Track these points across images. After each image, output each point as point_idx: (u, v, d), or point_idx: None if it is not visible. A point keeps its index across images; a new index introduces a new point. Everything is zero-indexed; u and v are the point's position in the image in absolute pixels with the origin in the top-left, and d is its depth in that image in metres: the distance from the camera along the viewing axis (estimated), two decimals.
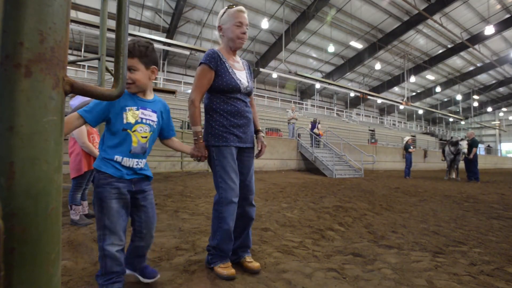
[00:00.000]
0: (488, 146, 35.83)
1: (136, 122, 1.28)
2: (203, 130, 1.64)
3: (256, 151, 1.81)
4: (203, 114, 1.66)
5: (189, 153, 1.57)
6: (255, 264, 1.65)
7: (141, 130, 1.30)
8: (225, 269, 1.55)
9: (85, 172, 2.56)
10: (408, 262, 1.83)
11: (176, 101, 15.03)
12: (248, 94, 1.70)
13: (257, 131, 1.80)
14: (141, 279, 1.42)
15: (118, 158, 1.26)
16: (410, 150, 9.80)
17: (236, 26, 1.59)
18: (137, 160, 1.30)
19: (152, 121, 1.34)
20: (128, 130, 1.26)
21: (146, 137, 1.32)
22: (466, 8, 17.69)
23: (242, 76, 1.67)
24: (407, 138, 10.18)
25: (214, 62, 1.57)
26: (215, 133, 1.59)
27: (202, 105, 1.63)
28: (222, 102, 1.60)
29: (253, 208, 1.75)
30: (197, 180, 6.53)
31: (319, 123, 13.50)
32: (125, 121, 1.25)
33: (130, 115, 1.27)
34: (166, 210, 3.21)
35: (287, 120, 12.42)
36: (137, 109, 1.30)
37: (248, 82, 1.68)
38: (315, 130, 13.50)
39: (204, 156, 1.57)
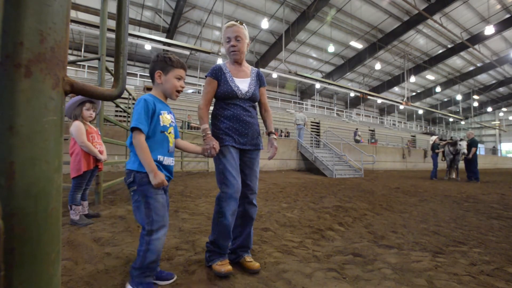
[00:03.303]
0: (494, 147, 35.89)
1: (170, 125, 1.44)
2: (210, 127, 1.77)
3: (269, 153, 1.87)
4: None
5: (201, 151, 1.61)
6: (255, 264, 1.67)
7: (172, 131, 1.46)
8: (223, 266, 1.59)
9: (85, 172, 2.56)
10: (408, 262, 1.83)
11: (176, 101, 15.02)
12: (250, 100, 1.78)
13: (268, 133, 1.89)
14: (159, 282, 1.44)
15: (160, 157, 1.38)
16: (437, 151, 9.49)
17: (226, 42, 1.77)
18: (172, 158, 1.46)
19: (174, 122, 1.52)
20: (165, 132, 1.41)
21: (173, 137, 1.48)
22: (466, 8, 17.68)
23: (243, 83, 1.77)
24: (434, 137, 9.95)
25: (215, 74, 1.75)
26: (214, 135, 1.72)
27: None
28: (221, 108, 1.75)
29: (253, 207, 1.79)
30: (197, 180, 6.54)
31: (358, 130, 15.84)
32: (162, 124, 1.38)
33: (165, 118, 1.41)
34: None
35: (303, 124, 11.85)
36: (168, 113, 1.45)
37: (249, 88, 1.77)
38: (357, 137, 15.31)
39: (213, 147, 1.59)
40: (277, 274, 1.61)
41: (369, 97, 25.86)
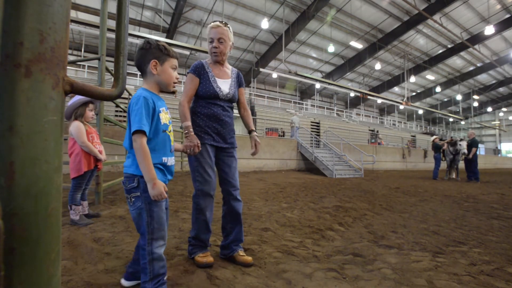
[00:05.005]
0: (496, 148, 35.93)
1: (169, 123, 1.35)
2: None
3: (252, 150, 1.91)
4: None
5: (183, 148, 1.61)
6: (248, 258, 1.75)
7: (172, 129, 1.38)
8: (204, 257, 1.70)
9: (85, 172, 2.56)
10: (408, 262, 1.83)
11: (176, 100, 15.02)
12: (230, 100, 1.85)
13: (250, 131, 1.95)
14: None
15: (165, 159, 1.29)
16: (442, 149, 9.47)
17: (209, 43, 1.80)
18: (173, 157, 1.38)
19: (171, 119, 1.42)
20: (166, 131, 1.31)
21: (173, 135, 1.39)
22: (466, 8, 17.67)
23: (224, 84, 1.82)
24: (433, 137, 10.01)
25: (198, 71, 1.77)
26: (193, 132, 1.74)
27: None
28: (202, 106, 1.78)
29: (239, 202, 1.85)
30: None
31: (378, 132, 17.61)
32: (162, 122, 1.28)
33: (164, 116, 1.30)
34: None
35: (298, 126, 12.54)
36: (166, 110, 1.35)
37: (229, 89, 1.83)
38: (377, 140, 16.86)
39: (197, 145, 1.62)
40: (277, 274, 1.61)
41: (369, 97, 25.85)
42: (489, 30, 16.22)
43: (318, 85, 23.77)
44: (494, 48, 22.87)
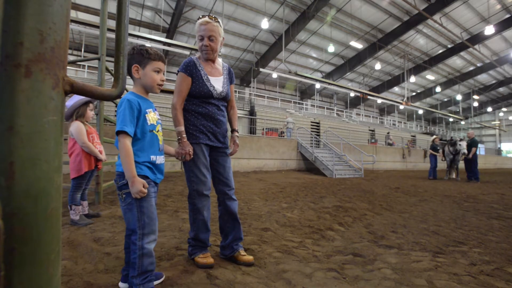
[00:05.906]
0: (499, 148, 35.99)
1: (157, 123, 1.40)
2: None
3: (231, 150, 1.90)
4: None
5: (174, 153, 1.62)
6: (249, 257, 1.75)
7: (160, 129, 1.42)
8: (204, 258, 1.69)
9: (86, 172, 2.56)
10: (408, 262, 1.82)
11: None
12: (223, 99, 1.80)
13: (232, 131, 1.91)
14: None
15: (153, 158, 1.35)
16: (432, 152, 9.59)
17: (199, 40, 1.72)
18: (162, 156, 1.43)
19: (160, 119, 1.46)
20: (154, 131, 1.36)
21: (161, 135, 1.44)
22: (466, 8, 17.68)
23: (217, 82, 1.77)
24: (433, 137, 10.07)
25: (190, 70, 1.70)
26: (187, 132, 1.71)
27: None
28: (196, 105, 1.73)
29: (234, 202, 1.84)
30: None
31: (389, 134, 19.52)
32: (149, 123, 1.34)
33: (151, 117, 1.36)
34: (166, 210, 3.21)
35: (291, 127, 13.30)
36: (154, 111, 1.40)
37: (223, 87, 1.78)
38: (389, 141, 18.17)
39: (189, 153, 1.62)
40: (277, 274, 1.61)
41: (369, 97, 25.84)
42: (489, 30, 16.23)
43: (318, 85, 23.77)
44: (494, 48, 22.87)
